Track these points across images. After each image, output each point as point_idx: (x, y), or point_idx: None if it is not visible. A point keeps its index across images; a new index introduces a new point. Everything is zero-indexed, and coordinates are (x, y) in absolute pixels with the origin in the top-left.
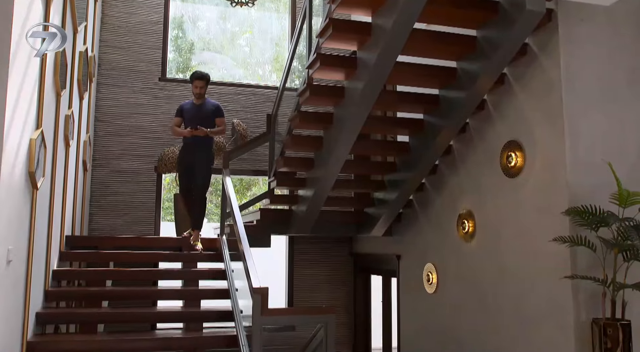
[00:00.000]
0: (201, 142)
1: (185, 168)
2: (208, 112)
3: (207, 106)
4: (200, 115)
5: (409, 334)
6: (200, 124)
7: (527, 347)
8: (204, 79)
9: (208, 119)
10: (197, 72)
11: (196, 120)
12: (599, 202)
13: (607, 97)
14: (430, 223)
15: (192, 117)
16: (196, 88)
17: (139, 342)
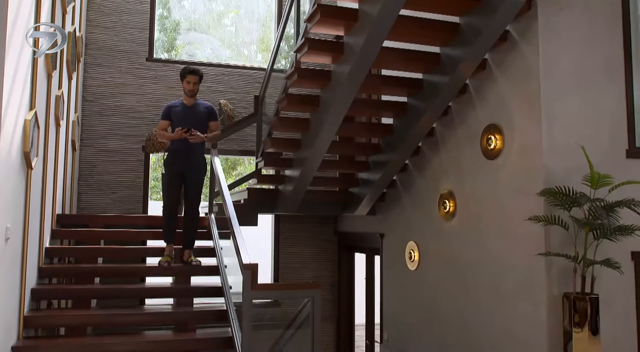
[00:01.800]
0: (193, 150)
1: (174, 178)
2: (201, 115)
3: (200, 107)
4: (192, 117)
5: (391, 310)
6: (192, 126)
7: (503, 321)
8: (197, 74)
9: (201, 122)
10: (188, 66)
11: (187, 124)
12: (572, 183)
13: (583, 83)
14: (412, 203)
15: (182, 119)
16: (189, 84)
17: (132, 317)
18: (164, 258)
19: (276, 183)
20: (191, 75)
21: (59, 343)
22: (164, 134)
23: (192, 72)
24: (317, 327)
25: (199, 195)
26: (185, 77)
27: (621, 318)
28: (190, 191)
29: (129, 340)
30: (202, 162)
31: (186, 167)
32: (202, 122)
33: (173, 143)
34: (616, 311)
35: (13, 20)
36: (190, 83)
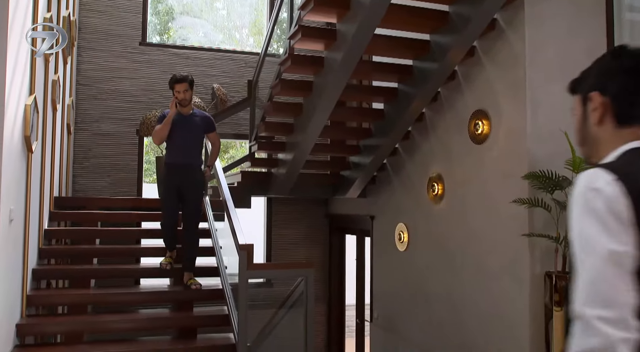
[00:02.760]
0: (190, 164)
1: (171, 193)
2: (198, 125)
3: (196, 118)
4: (188, 128)
5: (381, 290)
6: (189, 137)
7: (488, 299)
8: (185, 81)
9: (198, 134)
10: (175, 75)
11: (184, 134)
12: (555, 167)
13: (567, 70)
14: (402, 186)
15: (179, 129)
16: (179, 94)
17: (130, 296)
18: (165, 260)
19: (269, 166)
20: (179, 84)
21: (61, 321)
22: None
23: (180, 80)
24: (310, 304)
25: (198, 214)
26: (173, 87)
27: None
28: (188, 209)
29: (128, 318)
30: (199, 177)
31: (183, 183)
32: (199, 133)
33: (168, 155)
34: None
35: (14, 7)
36: (180, 92)
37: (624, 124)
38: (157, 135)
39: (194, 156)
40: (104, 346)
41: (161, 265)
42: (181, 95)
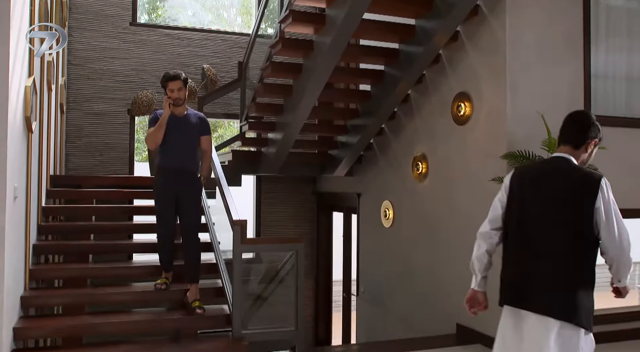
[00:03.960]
0: (185, 167)
1: (166, 199)
2: (193, 126)
3: (191, 118)
4: (183, 129)
5: (367, 265)
6: (184, 139)
7: (469, 272)
8: (178, 79)
9: (193, 135)
10: (167, 73)
11: (178, 136)
12: (532, 148)
13: (545, 56)
14: (388, 164)
15: (173, 130)
16: (172, 92)
17: (128, 270)
18: (160, 280)
19: (259, 146)
20: (172, 82)
21: (64, 293)
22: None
23: (173, 77)
24: (300, 277)
25: (198, 218)
26: (166, 85)
27: None
28: (187, 215)
29: (126, 290)
30: (198, 183)
31: (179, 187)
32: (194, 135)
33: (162, 159)
34: None
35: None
36: (173, 91)
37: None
38: (151, 138)
39: (191, 159)
40: (105, 316)
41: (156, 286)
42: (175, 94)
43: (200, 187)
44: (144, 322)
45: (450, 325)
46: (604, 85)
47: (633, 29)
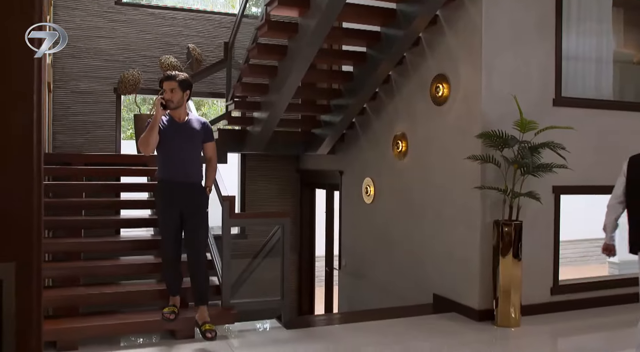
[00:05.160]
0: (189, 178)
1: (169, 214)
2: (195, 132)
3: (193, 124)
4: (183, 135)
5: (349, 239)
6: (186, 147)
7: (444, 244)
8: (172, 79)
9: (195, 142)
10: (164, 73)
11: (178, 142)
12: (505, 127)
13: (519, 40)
14: (369, 143)
15: (174, 138)
16: (167, 93)
17: (119, 244)
18: (168, 309)
19: (245, 124)
20: (166, 82)
21: (61, 266)
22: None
23: (167, 78)
24: (286, 249)
25: (205, 235)
26: (161, 85)
27: (542, 240)
28: (192, 232)
29: (119, 263)
30: (204, 197)
31: (183, 201)
32: (196, 141)
33: (163, 171)
34: (538, 234)
35: None
36: (166, 91)
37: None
38: (143, 141)
39: (195, 169)
40: (99, 288)
41: (164, 316)
42: (167, 95)
43: (206, 199)
44: (137, 292)
45: (427, 295)
46: (574, 68)
47: (602, 14)
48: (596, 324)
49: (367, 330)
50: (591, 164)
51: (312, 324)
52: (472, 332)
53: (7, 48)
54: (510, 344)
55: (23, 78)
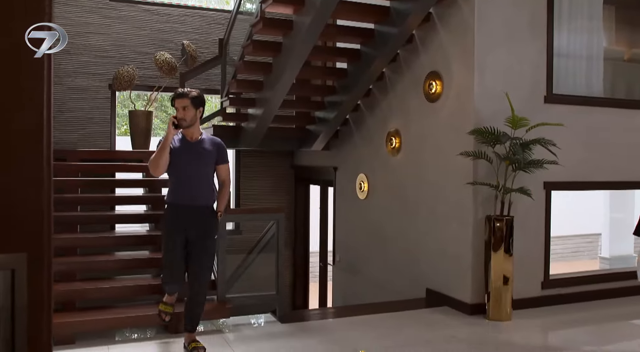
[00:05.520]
0: (199, 204)
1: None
2: (207, 153)
3: (206, 144)
4: (195, 155)
5: (343, 235)
6: (197, 168)
7: (437, 239)
8: (184, 97)
9: (208, 163)
10: (176, 91)
11: (190, 163)
12: (497, 124)
13: (511, 38)
14: (363, 139)
15: (184, 158)
16: (177, 111)
17: (114, 240)
18: (163, 307)
19: (239, 121)
20: (178, 100)
21: (58, 261)
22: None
23: (179, 95)
24: (281, 245)
25: (209, 269)
26: (173, 103)
27: (533, 235)
28: (195, 259)
29: (115, 258)
30: (213, 223)
31: (192, 230)
32: (208, 161)
33: (172, 194)
34: (529, 230)
35: None
36: (179, 109)
37: None
38: (153, 163)
39: (205, 192)
40: (95, 283)
41: (160, 314)
42: (179, 114)
43: (216, 225)
44: (134, 287)
45: (420, 289)
46: (565, 65)
47: (593, 11)
48: (586, 318)
49: (361, 324)
50: (581, 160)
51: (306, 318)
52: (464, 325)
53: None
54: (502, 337)
55: (34, 77)
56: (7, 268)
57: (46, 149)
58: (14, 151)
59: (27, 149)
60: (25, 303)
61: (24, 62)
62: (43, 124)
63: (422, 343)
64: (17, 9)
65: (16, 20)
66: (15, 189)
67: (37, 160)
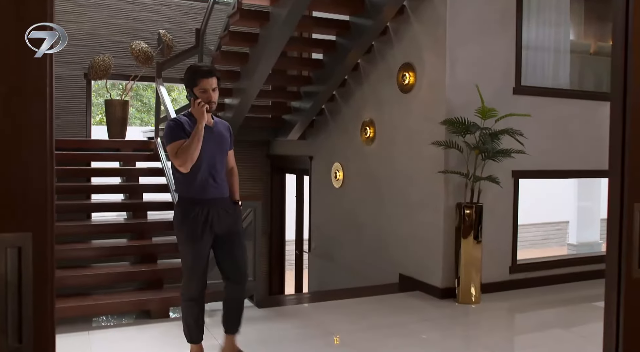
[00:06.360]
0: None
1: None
2: (224, 139)
3: (221, 128)
4: (215, 142)
5: (318, 223)
6: (218, 156)
7: (410, 226)
8: (214, 75)
9: (224, 150)
10: (199, 67)
11: (211, 151)
12: (468, 115)
13: (481, 31)
14: (338, 129)
15: (205, 145)
16: (204, 93)
17: (94, 227)
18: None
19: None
20: (206, 80)
21: None
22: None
23: (206, 74)
24: (258, 232)
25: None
26: (196, 83)
27: (501, 222)
28: (235, 255)
29: (94, 246)
30: (236, 207)
31: (221, 222)
32: (227, 146)
33: (189, 189)
34: (497, 216)
35: None
36: (207, 91)
37: None
38: (187, 156)
39: (226, 183)
40: (74, 270)
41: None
42: (209, 96)
43: (241, 215)
44: (111, 274)
45: (393, 275)
46: (534, 58)
47: (561, 5)
48: (552, 300)
49: (336, 308)
50: (548, 149)
51: (283, 303)
52: (434, 308)
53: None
54: (470, 319)
55: (38, 73)
56: (15, 246)
57: (49, 138)
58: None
59: (33, 139)
60: (31, 278)
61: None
62: (47, 117)
63: (394, 325)
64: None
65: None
66: (24, 176)
67: (42, 149)
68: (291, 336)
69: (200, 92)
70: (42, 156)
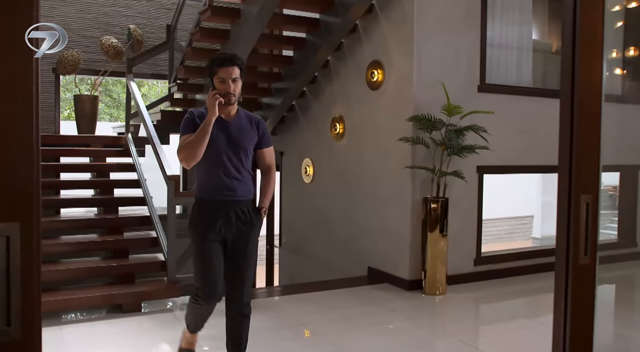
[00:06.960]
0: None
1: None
2: (247, 133)
3: (243, 121)
4: (234, 137)
5: (289, 218)
6: (235, 154)
7: (378, 220)
8: (235, 64)
9: (247, 145)
10: (219, 56)
11: (225, 146)
12: (434, 112)
13: (447, 29)
14: (308, 125)
15: (219, 141)
16: (222, 83)
17: (64, 223)
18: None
19: (187, 106)
20: (224, 69)
21: None
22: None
23: (225, 62)
24: None
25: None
26: (215, 71)
27: (466, 215)
28: (238, 266)
29: (59, 241)
30: (255, 213)
31: (233, 232)
32: (249, 144)
33: (203, 189)
34: (463, 210)
35: None
36: (225, 81)
37: None
38: (190, 152)
39: (246, 184)
40: (44, 265)
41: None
42: (227, 87)
43: (260, 224)
44: (83, 269)
45: (362, 267)
46: (497, 56)
47: (524, 4)
48: (515, 291)
49: (306, 300)
50: (512, 146)
51: (254, 296)
52: (402, 300)
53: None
54: (436, 309)
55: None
56: (3, 235)
57: (35, 133)
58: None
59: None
60: (18, 265)
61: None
62: (33, 113)
63: (363, 316)
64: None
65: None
66: (12, 169)
67: (29, 144)
68: (263, 327)
69: (218, 82)
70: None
